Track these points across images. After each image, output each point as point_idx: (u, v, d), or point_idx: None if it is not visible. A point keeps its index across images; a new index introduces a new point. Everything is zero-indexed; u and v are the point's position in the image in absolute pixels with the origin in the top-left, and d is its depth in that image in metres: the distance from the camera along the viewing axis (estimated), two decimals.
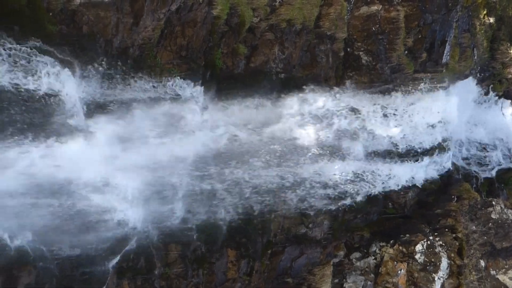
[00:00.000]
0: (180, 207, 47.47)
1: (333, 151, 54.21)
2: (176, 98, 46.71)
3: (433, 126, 60.23)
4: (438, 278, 57.88)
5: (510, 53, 70.81)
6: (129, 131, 44.64)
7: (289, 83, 52.70)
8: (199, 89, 47.60)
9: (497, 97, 75.73)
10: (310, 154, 53.33)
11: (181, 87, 46.90)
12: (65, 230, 41.93)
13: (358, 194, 57.31)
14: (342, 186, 56.13)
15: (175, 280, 47.60)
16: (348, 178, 56.32)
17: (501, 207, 64.55)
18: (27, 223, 40.36)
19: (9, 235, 39.20)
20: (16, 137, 38.89)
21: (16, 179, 39.72)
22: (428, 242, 59.18)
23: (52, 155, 40.60)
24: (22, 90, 39.00)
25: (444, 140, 63.01)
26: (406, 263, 57.80)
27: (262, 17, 49.76)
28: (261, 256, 51.92)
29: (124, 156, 44.52)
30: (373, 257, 58.21)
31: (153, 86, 45.49)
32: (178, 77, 46.40)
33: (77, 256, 42.33)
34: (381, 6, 55.69)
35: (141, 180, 45.70)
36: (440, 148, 62.32)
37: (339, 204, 56.27)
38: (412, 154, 59.38)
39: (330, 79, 54.99)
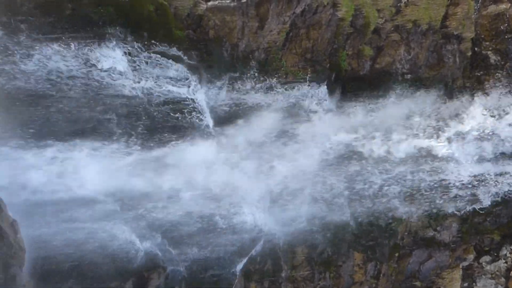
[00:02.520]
0: (306, 210, 45.74)
1: (462, 153, 50.97)
2: (301, 100, 44.73)
3: None
4: None
5: None
6: (254, 136, 43.16)
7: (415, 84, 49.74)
8: (324, 91, 45.42)
9: None
10: (439, 155, 50.35)
11: (306, 89, 44.78)
12: (193, 233, 40.90)
13: (487, 197, 53.68)
14: (470, 188, 52.74)
15: (301, 283, 46.27)
16: (477, 180, 52.90)
17: None
18: (156, 226, 39.70)
19: (139, 238, 38.55)
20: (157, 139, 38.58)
21: (150, 182, 39.44)
22: None
23: (184, 158, 40.29)
24: (152, 95, 38.14)
25: None
26: None
27: (388, 18, 47.60)
28: (388, 259, 49.71)
29: (250, 160, 43.22)
30: (503, 261, 54.77)
31: (279, 89, 43.78)
32: (303, 80, 44.47)
33: (205, 259, 41.45)
34: (509, 4, 52.76)
35: (267, 183, 44.14)
36: None
37: (468, 206, 52.80)
38: None
39: (457, 80, 51.98)
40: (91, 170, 37.51)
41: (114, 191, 38.56)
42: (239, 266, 43.73)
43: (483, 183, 52.15)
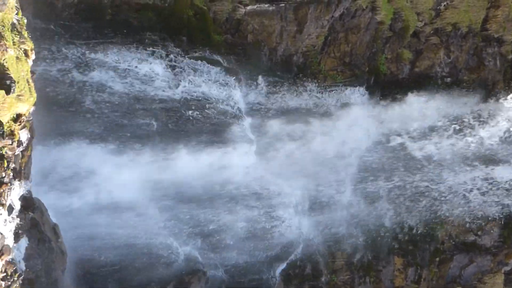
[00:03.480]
0: (346, 215, 44.93)
1: (504, 156, 49.82)
2: (340, 104, 44.11)
3: None
4: None
5: None
6: (294, 139, 42.45)
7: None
8: (363, 94, 44.61)
9: None
10: (480, 160, 49.27)
11: (345, 93, 44.15)
12: (233, 238, 40.59)
13: None
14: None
15: None
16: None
17: None
18: (196, 230, 39.40)
19: (180, 242, 38.30)
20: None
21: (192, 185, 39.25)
22: None
23: (223, 162, 39.94)
24: (190, 99, 37.90)
25: None
26: None
27: (427, 21, 46.87)
28: (429, 263, 48.78)
29: (288, 164, 42.76)
30: None
31: (318, 93, 43.24)
32: (342, 84, 43.82)
33: (245, 263, 40.92)
34: None
35: (306, 187, 43.49)
36: None
37: (509, 210, 51.57)
38: None
39: (498, 83, 50.84)
40: (130, 174, 37.20)
41: (153, 195, 38.21)
42: (279, 270, 43.12)
43: None
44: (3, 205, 21.87)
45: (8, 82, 20.24)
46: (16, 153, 22.81)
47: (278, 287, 42.09)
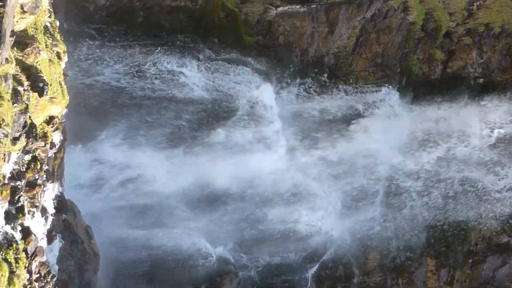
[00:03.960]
0: (378, 216, 44.47)
1: None
2: (371, 105, 43.68)
3: None
4: None
5: None
6: (325, 141, 42.10)
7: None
8: (395, 95, 44.12)
9: None
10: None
11: (376, 94, 43.71)
12: (265, 239, 40.31)
13: None
14: None
15: None
16: None
17: None
18: (228, 231, 39.29)
19: (212, 244, 38.18)
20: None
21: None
22: None
23: (255, 163, 39.82)
24: (221, 100, 37.94)
25: None
26: None
27: (459, 22, 46.16)
28: (461, 265, 48.03)
29: (320, 166, 42.52)
30: None
31: (349, 94, 42.83)
32: (374, 84, 43.36)
33: (276, 264, 40.62)
34: None
35: (338, 189, 42.99)
36: None
37: None
38: None
39: None
40: (163, 175, 37.19)
41: (186, 197, 38.16)
42: (311, 272, 43.00)
43: None
44: (36, 206, 21.83)
45: (41, 84, 20.18)
46: (49, 155, 22.77)
47: None
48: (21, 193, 19.06)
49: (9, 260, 17.61)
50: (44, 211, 22.51)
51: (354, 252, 44.16)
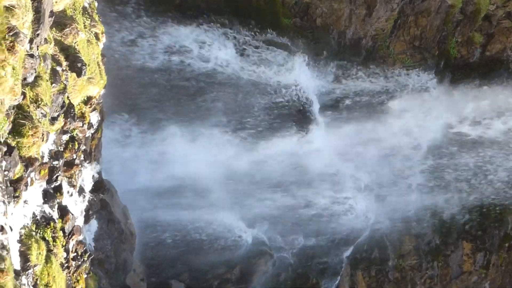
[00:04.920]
0: (414, 199, 44.10)
1: None
2: (408, 88, 43.11)
3: None
4: None
5: None
6: (362, 124, 41.74)
7: None
8: (433, 78, 43.45)
9: None
10: None
11: (414, 77, 43.08)
12: (300, 221, 40.12)
13: None
14: None
15: (409, 272, 44.67)
16: None
17: None
18: (264, 213, 39.16)
19: (247, 225, 38.09)
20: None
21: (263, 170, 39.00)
22: None
23: (291, 146, 39.54)
24: (259, 83, 37.54)
25: None
26: None
27: (499, 4, 45.24)
28: (498, 249, 47.29)
29: (357, 149, 41.98)
30: None
31: (386, 77, 42.31)
32: (411, 67, 42.76)
33: (311, 246, 40.44)
34: None
35: (375, 172, 42.61)
36: None
37: None
38: None
39: None
40: (200, 157, 37.08)
41: (221, 179, 38.07)
42: (346, 254, 42.80)
43: None
44: (74, 186, 21.83)
45: (79, 65, 20.10)
46: (86, 135, 22.74)
47: (345, 270, 41.44)
48: (59, 172, 19.04)
49: (47, 238, 17.63)
50: (81, 190, 22.52)
51: (389, 234, 43.82)
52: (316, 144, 39.52)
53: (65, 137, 20.12)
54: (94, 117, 23.11)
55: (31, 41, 15.01)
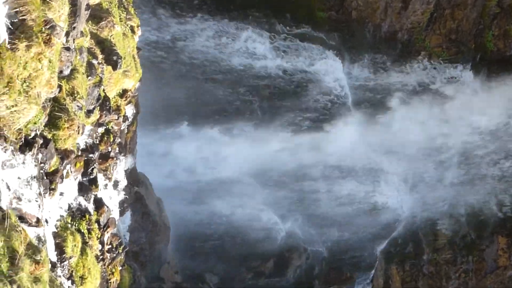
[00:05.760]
0: (448, 193, 43.62)
1: None
2: (443, 82, 42.58)
3: None
4: None
5: None
6: (397, 117, 41.30)
7: None
8: (469, 72, 42.92)
9: None
10: None
11: (449, 70, 42.57)
12: (334, 214, 39.86)
13: None
14: None
15: (444, 266, 44.12)
16: None
17: None
18: (298, 207, 38.99)
19: (281, 219, 37.93)
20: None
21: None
22: None
23: (325, 139, 39.17)
24: (293, 75, 37.47)
25: None
26: None
27: None
28: None
29: (391, 142, 41.62)
30: None
31: (422, 70, 41.85)
32: (448, 61, 42.25)
33: (345, 240, 40.20)
34: None
35: (409, 166, 42.18)
36: None
37: None
38: None
39: None
40: (233, 151, 37.04)
41: (256, 172, 37.98)
42: (380, 248, 42.30)
43: None
44: (109, 179, 21.84)
45: (115, 58, 20.05)
46: (122, 128, 22.73)
47: (379, 264, 41.12)
48: (94, 165, 19.03)
49: (82, 230, 17.63)
50: (116, 183, 22.52)
51: (423, 229, 43.33)
52: (351, 137, 39.18)
53: (101, 130, 20.11)
54: (129, 110, 23.09)
55: (67, 34, 14.95)
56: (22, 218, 12.86)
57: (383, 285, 41.80)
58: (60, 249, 15.40)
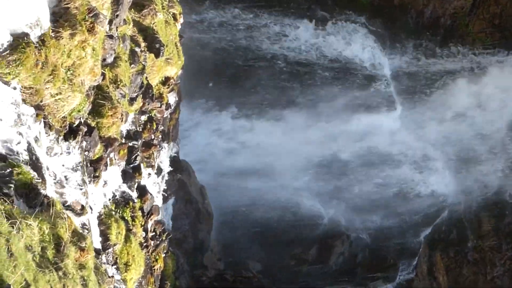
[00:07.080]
0: (492, 180, 43.13)
1: None
2: (487, 67, 41.83)
3: None
4: None
5: None
6: (439, 104, 40.75)
7: None
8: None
9: None
10: None
11: (494, 56, 41.83)
12: (377, 201, 39.43)
13: None
14: None
15: (488, 253, 43.36)
16: None
17: None
18: (341, 194, 38.67)
19: (324, 206, 37.64)
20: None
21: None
22: None
23: (368, 126, 38.78)
24: (336, 61, 37.18)
25: None
26: None
27: None
28: None
29: (435, 129, 41.02)
30: None
31: (465, 56, 41.13)
32: (491, 46, 41.48)
33: (388, 227, 39.70)
34: None
35: (453, 152, 41.60)
36: None
37: None
38: None
39: None
40: (276, 139, 36.91)
41: (299, 159, 37.77)
42: (423, 235, 41.68)
43: None
44: (152, 166, 21.80)
45: (157, 45, 19.97)
46: (164, 116, 22.67)
47: (423, 251, 40.63)
48: (138, 152, 19.00)
49: (126, 218, 17.63)
50: (159, 170, 22.48)
51: (468, 215, 42.60)
52: (392, 124, 38.72)
53: (144, 118, 20.07)
54: (172, 98, 23.02)
55: (110, 22, 14.90)
56: (67, 206, 12.81)
57: (427, 272, 41.25)
58: (104, 236, 15.40)
